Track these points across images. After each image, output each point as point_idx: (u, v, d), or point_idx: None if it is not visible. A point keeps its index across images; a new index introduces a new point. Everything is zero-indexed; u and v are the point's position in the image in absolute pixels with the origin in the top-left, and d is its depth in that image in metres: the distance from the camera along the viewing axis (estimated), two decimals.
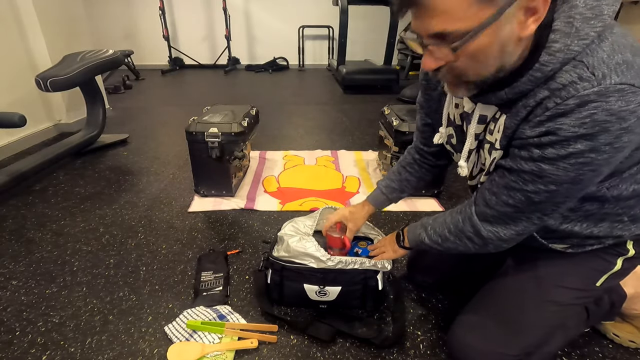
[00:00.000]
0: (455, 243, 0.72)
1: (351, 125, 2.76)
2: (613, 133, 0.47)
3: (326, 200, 1.64)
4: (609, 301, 0.87)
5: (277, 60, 5.48)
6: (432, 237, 0.76)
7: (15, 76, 2.14)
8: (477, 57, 0.50)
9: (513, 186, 0.59)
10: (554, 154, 0.51)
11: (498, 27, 0.47)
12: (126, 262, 1.21)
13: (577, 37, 0.47)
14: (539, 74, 0.51)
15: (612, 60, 0.46)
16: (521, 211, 0.60)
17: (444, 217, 0.75)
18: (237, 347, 0.89)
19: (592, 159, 0.49)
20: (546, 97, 0.51)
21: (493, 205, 0.63)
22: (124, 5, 5.21)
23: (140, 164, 2.01)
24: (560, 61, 0.49)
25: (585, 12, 0.47)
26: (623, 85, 0.45)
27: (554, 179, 0.53)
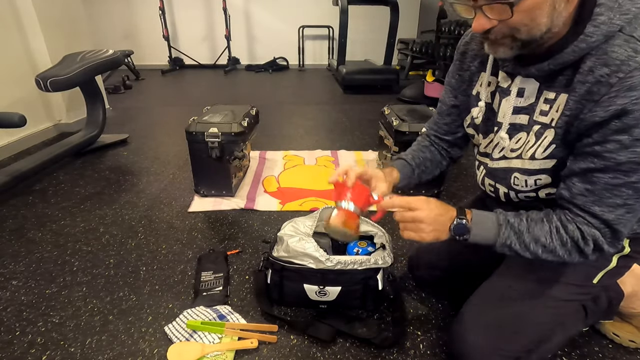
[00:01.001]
0: (559, 257, 0.64)
1: (351, 125, 2.76)
2: None
3: (326, 200, 1.64)
4: (607, 299, 0.87)
5: (277, 60, 5.49)
6: (529, 246, 0.64)
7: (15, 76, 2.14)
8: (532, 12, 0.52)
9: (615, 183, 0.56)
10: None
11: None
12: (126, 262, 1.21)
13: (620, 12, 0.50)
14: (583, 44, 0.53)
15: None
16: (632, 209, 0.57)
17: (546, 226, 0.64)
18: (237, 347, 0.89)
19: None
20: (607, 74, 0.52)
21: (602, 215, 0.59)
22: (124, 5, 5.21)
23: (140, 164, 2.01)
24: (604, 33, 0.51)
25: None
26: None
27: None
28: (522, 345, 0.77)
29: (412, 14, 5.58)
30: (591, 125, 0.55)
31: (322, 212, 1.11)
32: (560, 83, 0.60)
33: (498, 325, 0.77)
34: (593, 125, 0.55)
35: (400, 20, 4.08)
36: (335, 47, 4.73)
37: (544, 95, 0.63)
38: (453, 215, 0.68)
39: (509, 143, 0.71)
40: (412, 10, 5.50)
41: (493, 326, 0.77)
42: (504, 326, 0.77)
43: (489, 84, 0.74)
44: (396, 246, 1.31)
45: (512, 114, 0.69)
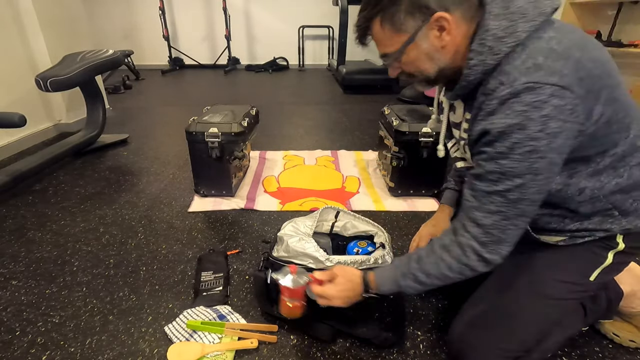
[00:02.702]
0: (456, 277, 0.70)
1: (351, 125, 2.76)
2: (537, 120, 0.55)
3: (326, 200, 1.64)
4: (606, 299, 0.87)
5: (277, 60, 5.48)
6: (425, 282, 0.72)
7: (15, 76, 2.14)
8: (414, 64, 0.67)
9: (488, 191, 0.63)
10: (503, 148, 0.59)
11: (417, 44, 0.64)
12: (126, 262, 1.21)
13: (491, 53, 0.59)
14: (464, 83, 0.65)
15: (524, 65, 0.56)
16: (506, 217, 0.63)
17: (432, 257, 0.71)
18: (237, 347, 0.89)
19: (534, 146, 0.56)
20: (482, 101, 0.62)
21: (481, 220, 0.65)
22: (124, 5, 5.21)
23: (140, 164, 2.01)
24: (480, 72, 0.61)
25: (498, 33, 0.58)
26: (529, 84, 0.55)
27: (514, 172, 0.59)
28: (521, 344, 0.77)
29: None
30: (472, 141, 0.66)
31: (322, 212, 1.11)
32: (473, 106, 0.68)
33: (495, 325, 0.78)
34: (473, 140, 0.66)
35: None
36: (335, 47, 4.73)
37: (465, 115, 0.73)
38: (359, 291, 0.79)
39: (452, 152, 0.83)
40: None
41: (490, 326, 0.78)
42: (501, 326, 0.77)
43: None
44: (396, 246, 1.31)
45: (453, 127, 0.82)
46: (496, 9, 0.59)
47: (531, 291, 0.77)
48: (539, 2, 0.58)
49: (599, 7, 2.83)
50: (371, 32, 0.67)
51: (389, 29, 0.64)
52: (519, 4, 0.58)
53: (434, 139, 1.50)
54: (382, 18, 0.64)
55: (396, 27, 0.63)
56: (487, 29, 0.59)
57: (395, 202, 1.62)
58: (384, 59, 0.70)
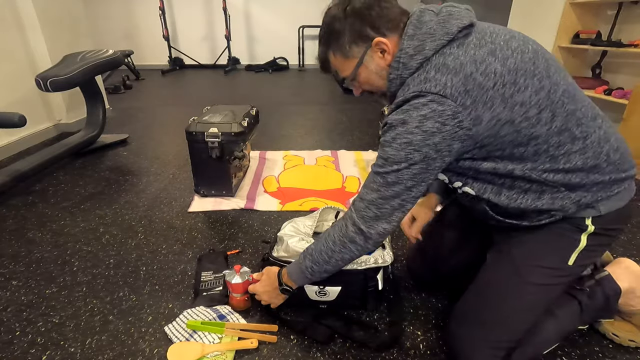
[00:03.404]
0: (341, 252, 0.78)
1: (351, 125, 2.76)
2: (415, 118, 0.65)
3: (326, 200, 1.64)
4: (603, 295, 0.87)
5: (277, 60, 5.49)
6: (317, 259, 0.81)
7: (15, 76, 2.14)
8: (368, 82, 0.79)
9: (375, 171, 0.73)
10: (388, 137, 0.69)
11: (366, 66, 0.75)
12: (126, 262, 1.21)
13: (405, 68, 0.70)
14: (389, 92, 0.75)
15: (419, 78, 0.67)
16: (383, 197, 0.72)
17: (323, 236, 0.82)
18: (237, 347, 0.89)
19: (410, 139, 0.66)
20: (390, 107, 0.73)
21: (364, 196, 0.74)
22: (124, 5, 5.21)
23: (140, 164, 2.01)
24: (398, 84, 0.72)
25: (410, 51, 0.68)
26: (416, 92, 0.66)
27: (393, 159, 0.69)
28: (510, 334, 0.78)
29: None
30: None
31: (322, 212, 1.11)
32: None
33: (483, 317, 0.80)
34: None
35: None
36: None
37: None
38: (276, 285, 0.91)
39: None
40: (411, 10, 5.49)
41: (479, 319, 0.80)
42: (489, 317, 0.79)
43: None
44: (396, 246, 1.31)
45: None
46: (411, 30, 0.69)
47: (513, 279, 0.78)
48: (447, 22, 0.67)
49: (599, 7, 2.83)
50: (329, 61, 0.79)
51: (340, 57, 0.77)
52: (430, 25, 0.68)
53: None
54: (333, 50, 0.77)
55: (345, 55, 0.75)
56: (401, 48, 0.69)
57: None
58: (345, 82, 0.82)
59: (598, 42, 2.67)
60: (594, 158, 0.69)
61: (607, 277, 0.89)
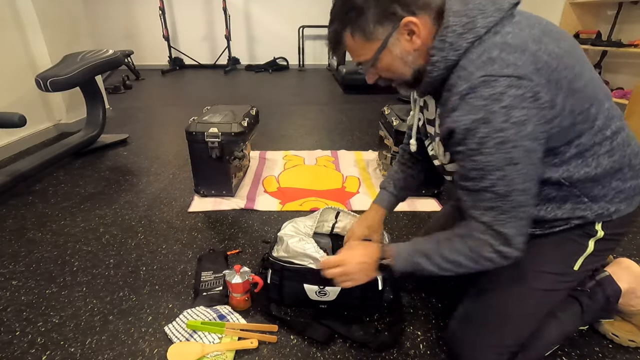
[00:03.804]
0: (472, 267, 0.68)
1: (351, 125, 2.76)
2: (499, 112, 0.56)
3: (326, 200, 1.64)
4: (603, 296, 0.87)
5: (277, 60, 5.49)
6: (440, 264, 0.70)
7: (15, 76, 2.14)
8: (389, 69, 0.69)
9: (475, 189, 0.63)
10: (473, 144, 0.59)
11: (390, 50, 0.65)
12: (126, 262, 1.21)
13: (452, 49, 0.61)
14: (428, 79, 0.66)
15: (479, 60, 0.58)
16: (502, 210, 0.62)
17: (449, 243, 0.70)
18: (237, 347, 0.89)
19: (503, 137, 0.57)
20: (446, 97, 0.64)
21: (481, 218, 0.64)
22: (124, 5, 5.21)
23: (140, 164, 2.01)
24: (442, 68, 0.63)
25: (458, 29, 0.60)
26: (484, 77, 0.57)
27: (493, 165, 0.59)
28: (514, 339, 0.78)
29: None
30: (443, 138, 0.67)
31: (323, 213, 1.11)
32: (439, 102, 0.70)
33: (487, 321, 0.79)
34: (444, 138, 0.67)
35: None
36: None
37: (438, 111, 0.74)
38: (376, 257, 0.78)
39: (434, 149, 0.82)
40: None
41: (483, 322, 0.79)
42: (493, 321, 0.78)
43: None
44: None
45: (427, 124, 0.82)
46: (456, 6, 0.61)
47: (518, 284, 0.78)
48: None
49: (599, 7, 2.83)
50: (344, 43, 0.68)
51: (360, 39, 0.66)
52: (478, 0, 0.60)
53: None
54: (352, 30, 0.65)
55: (367, 36, 0.65)
56: (447, 25, 0.60)
57: None
58: (360, 67, 0.72)
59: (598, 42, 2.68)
60: (619, 161, 0.67)
61: (607, 277, 0.89)
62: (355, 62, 0.71)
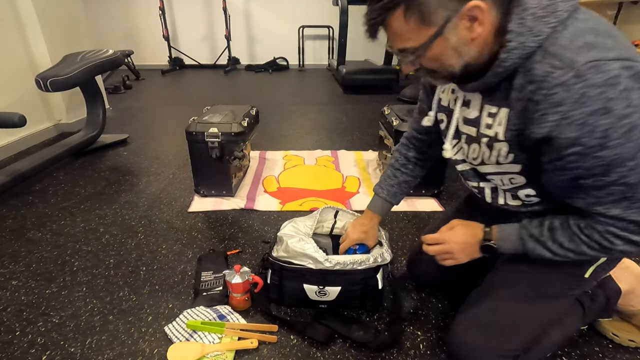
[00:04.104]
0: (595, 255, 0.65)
1: (351, 125, 2.76)
2: (619, 98, 0.49)
3: (326, 200, 1.64)
4: (604, 297, 0.87)
5: (277, 60, 5.49)
6: (557, 252, 0.67)
7: (15, 76, 2.14)
8: (438, 60, 0.60)
9: (600, 185, 0.56)
10: (594, 140, 0.52)
11: (445, 38, 0.56)
12: (126, 262, 1.21)
13: (531, 34, 0.54)
14: (499, 69, 0.58)
15: (574, 45, 0.51)
16: (635, 200, 0.57)
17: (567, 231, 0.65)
18: (237, 347, 0.89)
19: (631, 123, 0.50)
20: (533, 91, 0.55)
21: (608, 212, 0.59)
22: (124, 5, 5.21)
23: (140, 164, 2.01)
24: (518, 56, 0.55)
25: (538, 12, 0.53)
26: (591, 63, 0.50)
27: (622, 157, 0.53)
28: (518, 343, 0.77)
29: None
30: (536, 142, 0.58)
31: (322, 212, 1.11)
32: (498, 97, 0.63)
33: (492, 324, 0.78)
34: (538, 142, 0.58)
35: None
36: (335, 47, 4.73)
37: (486, 109, 0.66)
38: (479, 237, 0.75)
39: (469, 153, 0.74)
40: None
41: (488, 326, 0.78)
42: (499, 325, 0.77)
43: (453, 90, 0.76)
44: (396, 246, 1.31)
45: (464, 124, 0.73)
46: None
47: (528, 290, 0.77)
48: None
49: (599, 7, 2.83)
50: (388, 24, 0.58)
51: (414, 21, 0.56)
52: None
53: None
54: (406, 8, 0.55)
55: (423, 20, 0.55)
56: (525, 7, 0.54)
57: None
58: (401, 54, 0.62)
59: None
60: None
61: (607, 278, 0.89)
62: (395, 48, 0.61)
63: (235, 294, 0.98)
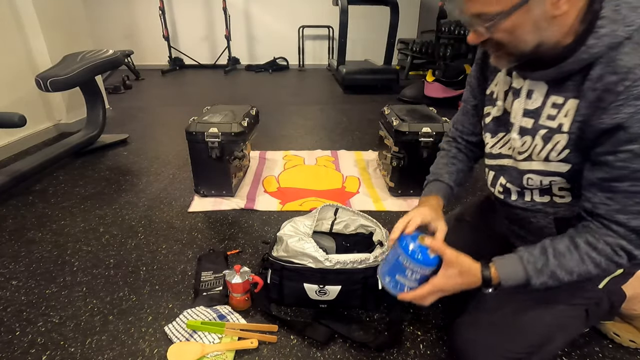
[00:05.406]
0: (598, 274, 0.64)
1: (351, 125, 2.76)
2: None
3: (326, 200, 1.64)
4: (608, 302, 0.87)
5: (277, 60, 5.49)
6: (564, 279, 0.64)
7: (15, 76, 2.14)
8: (513, 33, 0.56)
9: (634, 190, 0.56)
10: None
11: (528, 9, 0.53)
12: (126, 262, 1.21)
13: (624, 24, 0.52)
14: (585, 55, 0.55)
15: None
16: None
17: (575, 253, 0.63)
18: (237, 347, 0.89)
19: None
20: (614, 82, 0.53)
21: (628, 223, 0.58)
22: (124, 5, 5.21)
23: (140, 164, 2.01)
24: (607, 44, 0.53)
25: (632, 1, 0.52)
26: None
27: None
28: (524, 347, 0.76)
29: (412, 14, 5.58)
30: (600, 132, 0.56)
31: (321, 211, 1.11)
32: (568, 88, 0.60)
33: (501, 327, 0.77)
34: (602, 132, 0.56)
35: (400, 20, 4.07)
36: (335, 47, 4.74)
37: (551, 99, 0.64)
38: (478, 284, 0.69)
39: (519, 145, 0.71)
40: (412, 10, 5.51)
41: (497, 328, 0.77)
42: (507, 328, 0.77)
43: (504, 83, 0.74)
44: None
45: (522, 116, 0.69)
46: None
47: (538, 296, 0.76)
48: None
49: None
50: None
51: None
52: None
53: (434, 139, 1.50)
54: None
55: None
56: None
57: (395, 202, 1.62)
58: (475, 20, 0.57)
59: None
60: None
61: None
62: (472, 12, 0.57)
63: (235, 294, 0.98)
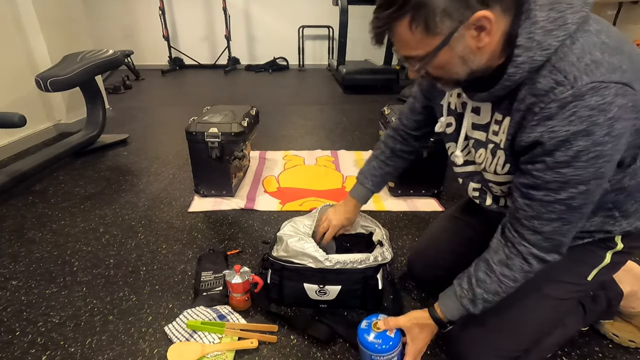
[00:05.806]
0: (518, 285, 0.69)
1: (351, 125, 2.76)
2: (604, 124, 0.51)
3: (326, 201, 1.64)
4: (605, 298, 0.87)
5: (277, 60, 5.48)
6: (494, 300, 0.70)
7: (15, 76, 2.14)
8: (443, 68, 0.60)
9: (548, 200, 0.59)
10: (565, 157, 0.54)
11: (451, 47, 0.56)
12: (126, 262, 1.21)
13: (540, 49, 0.53)
14: (508, 83, 0.58)
15: (582, 62, 0.51)
16: (568, 221, 0.60)
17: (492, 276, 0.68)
18: (237, 347, 0.89)
19: (600, 151, 0.52)
20: (533, 103, 0.56)
21: (541, 229, 0.62)
22: (124, 5, 5.20)
23: (140, 164, 2.01)
24: (527, 70, 0.55)
25: (547, 25, 0.53)
26: (594, 84, 0.50)
27: (579, 180, 0.55)
28: (520, 344, 0.77)
29: None
30: (523, 148, 0.60)
31: (320, 211, 1.11)
32: (505, 107, 0.64)
33: (494, 325, 0.78)
34: (524, 148, 0.60)
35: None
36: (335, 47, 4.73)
37: (495, 116, 0.67)
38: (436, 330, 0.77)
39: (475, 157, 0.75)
40: None
41: (490, 326, 0.78)
42: (501, 326, 0.77)
43: (459, 95, 0.76)
44: (396, 246, 1.31)
45: (473, 129, 0.73)
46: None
47: (530, 291, 0.76)
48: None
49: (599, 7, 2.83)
50: (394, 32, 0.58)
51: (420, 31, 0.55)
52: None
53: (434, 140, 1.50)
54: (412, 18, 0.54)
55: (429, 30, 0.54)
56: (534, 20, 0.53)
57: (395, 202, 1.62)
58: (408, 62, 0.62)
59: None
60: None
61: (609, 280, 0.89)
62: (401, 55, 0.62)
63: (235, 294, 0.98)
